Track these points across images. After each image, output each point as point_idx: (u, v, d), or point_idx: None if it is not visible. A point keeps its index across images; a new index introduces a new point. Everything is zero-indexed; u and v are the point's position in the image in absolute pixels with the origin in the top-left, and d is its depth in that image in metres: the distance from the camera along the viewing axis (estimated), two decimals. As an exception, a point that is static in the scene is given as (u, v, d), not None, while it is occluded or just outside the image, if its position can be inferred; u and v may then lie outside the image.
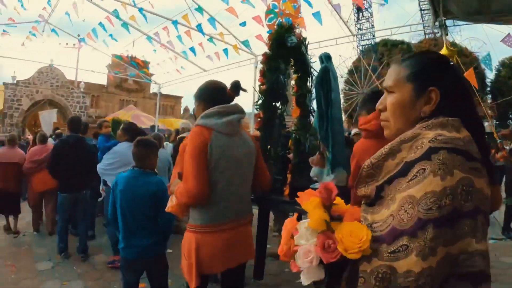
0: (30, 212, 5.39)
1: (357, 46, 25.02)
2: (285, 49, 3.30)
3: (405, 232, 0.68)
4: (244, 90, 2.01)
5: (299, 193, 0.87)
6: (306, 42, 3.41)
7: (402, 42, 26.79)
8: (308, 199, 0.83)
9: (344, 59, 24.35)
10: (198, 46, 9.60)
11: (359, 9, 24.24)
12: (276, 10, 8.14)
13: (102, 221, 5.34)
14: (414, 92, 0.85)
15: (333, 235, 0.75)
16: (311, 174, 3.05)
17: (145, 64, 12.58)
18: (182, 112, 31.42)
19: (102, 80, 26.51)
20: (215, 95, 1.86)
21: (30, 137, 7.66)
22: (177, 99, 31.71)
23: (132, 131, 3.95)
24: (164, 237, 2.36)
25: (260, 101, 3.35)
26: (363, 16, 25.30)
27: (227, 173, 1.74)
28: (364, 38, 24.82)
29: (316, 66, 3.16)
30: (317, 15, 7.40)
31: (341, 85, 22.55)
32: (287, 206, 3.15)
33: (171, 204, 1.85)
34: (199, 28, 8.67)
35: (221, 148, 1.71)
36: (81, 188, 4.21)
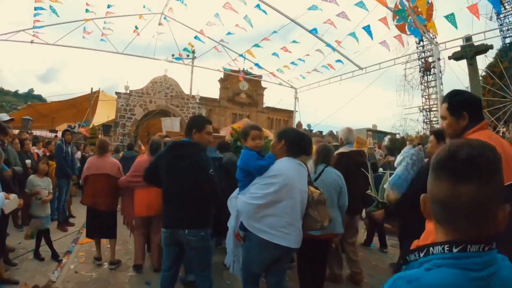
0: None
1: (502, 45, 20.54)
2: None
3: None
4: None
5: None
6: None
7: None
8: None
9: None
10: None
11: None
12: (405, 9, 7.00)
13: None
14: None
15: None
16: None
17: (253, 76, 12.37)
18: (295, 127, 30.90)
19: (215, 94, 26.98)
20: None
21: (144, 148, 7.24)
22: (290, 113, 31.04)
23: (299, 140, 2.65)
24: None
25: None
26: (504, 8, 20.81)
27: None
28: (508, 34, 20.29)
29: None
30: (451, 17, 6.02)
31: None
32: None
33: None
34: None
35: None
36: (183, 223, 2.66)
